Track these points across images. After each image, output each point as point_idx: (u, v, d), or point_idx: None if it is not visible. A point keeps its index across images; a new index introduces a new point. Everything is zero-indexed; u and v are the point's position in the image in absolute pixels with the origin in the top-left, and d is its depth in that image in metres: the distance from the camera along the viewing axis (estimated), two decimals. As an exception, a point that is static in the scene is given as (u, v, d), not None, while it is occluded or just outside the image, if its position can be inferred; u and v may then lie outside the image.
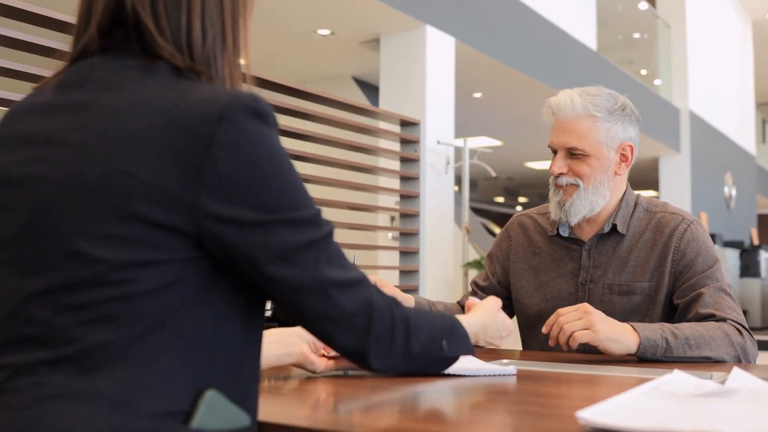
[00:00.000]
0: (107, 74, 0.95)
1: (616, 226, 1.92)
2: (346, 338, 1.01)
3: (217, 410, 0.90)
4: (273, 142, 0.93)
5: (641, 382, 1.17)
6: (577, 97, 1.89)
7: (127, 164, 0.88)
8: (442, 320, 1.19)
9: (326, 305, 0.98)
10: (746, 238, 12.98)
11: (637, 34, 11.10)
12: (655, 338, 1.64)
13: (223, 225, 0.90)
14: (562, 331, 1.62)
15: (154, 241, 0.88)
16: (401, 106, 5.73)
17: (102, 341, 0.86)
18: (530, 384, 1.37)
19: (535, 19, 7.26)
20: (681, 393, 1.08)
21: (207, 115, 0.89)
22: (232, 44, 1.01)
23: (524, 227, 2.11)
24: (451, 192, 5.77)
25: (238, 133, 0.90)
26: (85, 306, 0.86)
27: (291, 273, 0.94)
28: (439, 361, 1.20)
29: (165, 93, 0.92)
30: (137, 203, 0.87)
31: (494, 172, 6.94)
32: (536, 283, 2.01)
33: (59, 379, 0.84)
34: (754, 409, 0.98)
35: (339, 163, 3.56)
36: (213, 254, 0.91)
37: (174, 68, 0.96)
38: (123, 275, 0.87)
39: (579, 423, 0.91)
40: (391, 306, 1.06)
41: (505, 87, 7.57)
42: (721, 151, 12.20)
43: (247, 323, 0.97)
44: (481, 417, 1.10)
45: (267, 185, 0.92)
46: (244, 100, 0.92)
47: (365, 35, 6.36)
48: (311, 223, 0.96)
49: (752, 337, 1.76)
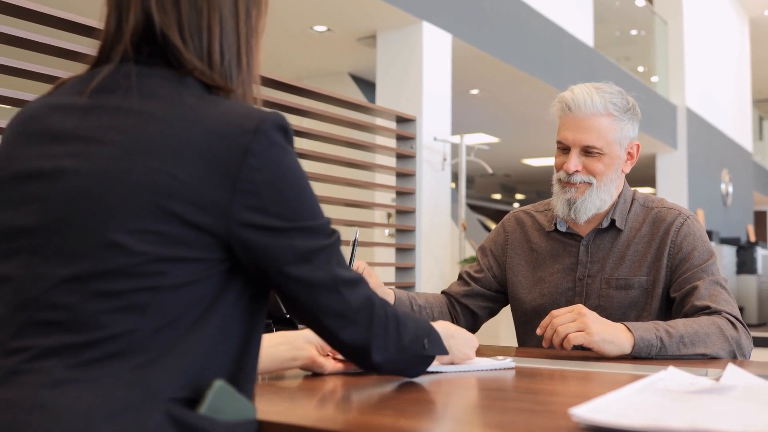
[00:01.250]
0: (143, 82, 1.01)
1: (614, 221, 1.93)
2: (353, 333, 1.09)
3: (225, 400, 0.95)
4: (294, 157, 1.02)
5: (636, 378, 1.16)
6: (596, 95, 1.86)
7: (171, 166, 0.94)
8: (422, 320, 1.24)
9: (337, 301, 1.06)
10: (743, 234, 12.99)
11: (635, 31, 11.11)
12: (650, 338, 1.64)
13: (252, 230, 0.97)
14: (556, 332, 1.62)
15: (187, 240, 0.94)
16: (398, 102, 5.73)
17: (127, 329, 0.91)
18: (525, 381, 1.37)
19: (533, 16, 7.26)
20: (676, 390, 1.08)
21: (244, 127, 0.97)
22: (246, 65, 1.09)
23: (521, 223, 2.10)
24: (448, 189, 5.77)
25: (269, 147, 0.98)
26: (115, 294, 0.92)
27: (310, 272, 1.03)
28: (421, 359, 1.22)
29: (202, 105, 1.00)
30: (176, 203, 0.93)
31: (491, 169, 6.94)
32: (534, 278, 2.02)
33: (81, 363, 0.89)
34: (749, 406, 0.97)
35: (335, 159, 3.55)
36: (235, 256, 0.98)
37: (203, 84, 1.03)
38: (154, 268, 0.92)
39: (573, 420, 0.91)
40: (384, 303, 1.13)
41: (502, 84, 7.56)
42: (718, 147, 12.21)
43: (250, 322, 1.02)
44: (477, 414, 1.10)
45: (291, 195, 1.01)
46: (275, 118, 1.00)
47: (362, 31, 6.35)
48: (324, 230, 1.05)
49: (747, 331, 1.76)
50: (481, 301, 2.09)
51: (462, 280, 2.13)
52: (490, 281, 2.09)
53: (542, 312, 1.93)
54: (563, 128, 1.90)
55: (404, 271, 3.99)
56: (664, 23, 10.85)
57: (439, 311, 2.05)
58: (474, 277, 2.10)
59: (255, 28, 1.12)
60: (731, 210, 12.63)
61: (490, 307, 2.12)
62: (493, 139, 10.50)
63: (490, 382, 1.35)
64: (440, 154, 5.64)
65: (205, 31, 1.04)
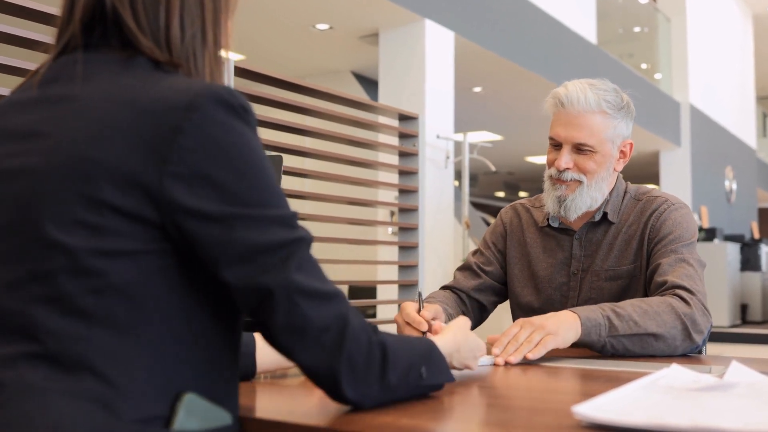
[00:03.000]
0: (86, 68, 0.95)
1: (606, 214, 1.92)
2: (313, 356, 0.92)
3: (197, 412, 0.88)
4: (244, 136, 0.91)
5: (638, 376, 1.16)
6: (590, 91, 1.84)
7: (94, 152, 0.88)
8: (419, 344, 1.08)
9: (290, 314, 0.90)
10: (747, 232, 12.96)
11: (638, 28, 11.08)
12: (596, 317, 1.61)
13: (185, 215, 0.88)
14: (525, 344, 1.53)
15: (120, 229, 0.87)
16: (400, 100, 5.72)
17: (77, 336, 0.85)
18: (525, 378, 1.37)
19: (535, 13, 7.24)
20: (678, 387, 1.07)
21: (176, 104, 0.89)
22: (213, 42, 1.01)
23: (518, 216, 2.10)
24: (451, 187, 5.76)
25: (206, 124, 0.89)
26: (57, 298, 0.86)
27: (251, 275, 0.89)
28: (419, 390, 1.07)
29: (138, 84, 0.92)
30: (103, 189, 0.87)
31: (494, 167, 6.93)
32: (528, 273, 2.01)
33: (40, 375, 0.83)
34: (752, 404, 0.97)
35: (338, 157, 3.55)
36: (182, 248, 0.90)
37: (153, 62, 0.96)
38: (92, 265, 0.86)
39: (575, 418, 0.91)
40: (368, 329, 0.97)
41: (505, 81, 7.55)
42: (721, 144, 12.18)
43: (224, 323, 0.95)
44: (477, 412, 1.10)
45: (233, 178, 0.89)
46: (217, 92, 0.91)
47: (364, 29, 6.34)
48: (281, 223, 0.92)
49: (703, 308, 1.69)
50: (491, 294, 2.08)
51: (471, 272, 2.08)
52: (499, 273, 2.08)
53: (536, 307, 1.94)
54: (555, 124, 1.88)
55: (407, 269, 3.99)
56: (667, 20, 10.82)
57: (457, 313, 1.98)
58: (485, 270, 2.07)
59: (224, 3, 1.04)
60: (735, 207, 12.60)
61: (498, 300, 2.11)
62: (496, 136, 10.49)
63: (492, 380, 1.34)
64: (443, 152, 5.63)
65: (162, 5, 0.97)
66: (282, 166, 1.51)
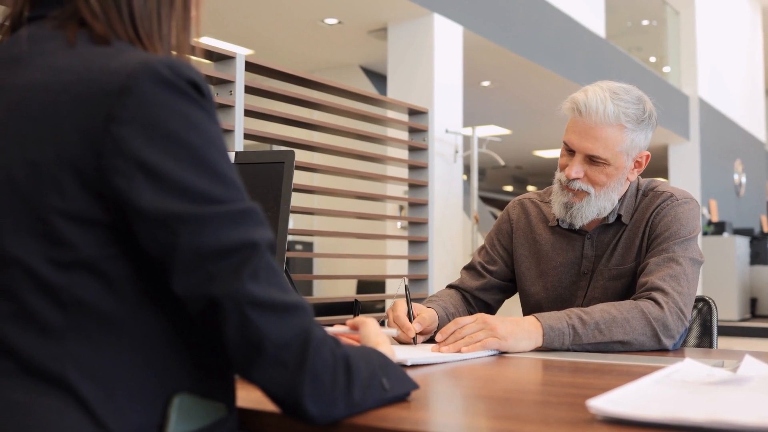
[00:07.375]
0: (25, 47, 0.86)
1: (620, 216, 1.89)
2: (271, 376, 0.81)
3: (190, 412, 0.83)
4: (189, 117, 0.80)
5: (652, 370, 1.16)
6: (610, 103, 1.76)
7: (34, 153, 0.80)
8: (376, 356, 0.97)
9: (243, 329, 0.79)
10: (756, 225, 12.93)
11: (646, 21, 11.05)
12: (560, 326, 1.61)
13: (129, 215, 0.79)
14: (464, 341, 1.54)
15: (71, 236, 0.79)
16: (409, 94, 5.72)
17: (51, 355, 0.78)
18: (539, 373, 1.37)
19: (544, 7, 7.23)
20: (693, 381, 1.07)
21: (108, 89, 0.79)
22: (182, 8, 0.92)
23: (526, 212, 2.06)
24: (460, 181, 5.76)
25: (141, 109, 0.78)
26: (25, 315, 0.79)
27: (198, 283, 0.79)
28: (384, 402, 0.95)
29: (76, 64, 0.82)
30: (47, 194, 0.79)
31: (503, 161, 6.93)
32: (537, 271, 1.99)
33: (23, 392, 0.78)
34: (766, 397, 0.97)
35: (347, 152, 3.55)
36: (141, 249, 0.81)
37: (99, 35, 0.86)
38: (51, 279, 0.79)
39: (590, 412, 0.91)
40: (331, 343, 0.87)
41: (514, 75, 7.54)
42: (730, 138, 12.14)
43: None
44: (493, 406, 1.10)
45: (175, 168, 0.78)
46: (155, 69, 0.80)
47: (373, 24, 6.34)
48: (234, 222, 0.80)
49: (679, 310, 1.67)
50: (496, 293, 2.07)
51: (475, 272, 2.07)
52: (504, 271, 2.06)
53: (545, 306, 1.92)
54: (571, 131, 1.82)
55: (417, 264, 3.99)
56: (675, 13, 10.78)
57: (461, 312, 1.98)
58: (489, 270, 2.06)
59: None
60: (744, 200, 12.57)
61: (504, 297, 2.10)
62: (504, 130, 10.48)
63: (506, 373, 1.35)
64: (452, 146, 5.63)
65: None
66: (294, 161, 1.51)
